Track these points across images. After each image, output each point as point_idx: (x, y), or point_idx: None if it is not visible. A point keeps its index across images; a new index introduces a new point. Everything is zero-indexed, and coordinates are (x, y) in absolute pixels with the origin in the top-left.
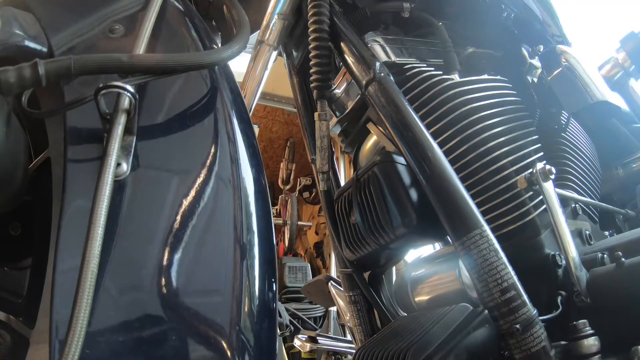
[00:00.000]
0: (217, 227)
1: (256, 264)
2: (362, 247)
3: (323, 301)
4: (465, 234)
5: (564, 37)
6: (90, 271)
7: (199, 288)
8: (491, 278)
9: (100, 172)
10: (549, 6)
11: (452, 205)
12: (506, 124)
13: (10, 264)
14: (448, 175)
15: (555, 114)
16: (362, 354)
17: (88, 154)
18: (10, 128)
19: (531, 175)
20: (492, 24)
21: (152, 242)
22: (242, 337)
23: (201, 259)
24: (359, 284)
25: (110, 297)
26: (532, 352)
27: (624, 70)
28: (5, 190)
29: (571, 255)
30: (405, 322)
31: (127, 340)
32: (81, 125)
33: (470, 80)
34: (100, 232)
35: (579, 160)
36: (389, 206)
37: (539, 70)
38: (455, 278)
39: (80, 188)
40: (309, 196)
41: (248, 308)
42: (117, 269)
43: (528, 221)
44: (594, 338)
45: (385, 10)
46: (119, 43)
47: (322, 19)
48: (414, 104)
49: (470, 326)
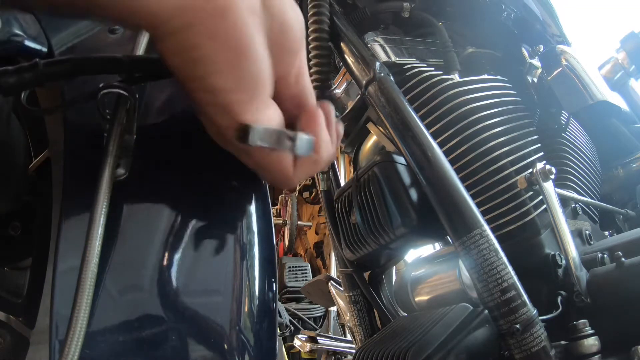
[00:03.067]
0: (217, 227)
1: (256, 264)
2: (362, 247)
3: (323, 301)
4: (465, 234)
5: (564, 37)
6: (90, 271)
7: (198, 288)
8: (491, 278)
9: (100, 172)
10: (549, 6)
11: (452, 205)
12: (506, 124)
13: (10, 264)
14: (448, 175)
15: (555, 114)
16: (362, 354)
17: (88, 154)
18: (10, 128)
19: (531, 175)
20: (492, 24)
21: (152, 242)
22: (242, 337)
23: (201, 259)
24: (359, 284)
25: (110, 297)
26: (532, 352)
27: (624, 70)
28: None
29: (571, 255)
30: (405, 322)
31: (127, 340)
32: (81, 126)
33: (470, 80)
34: (100, 232)
35: (579, 160)
36: (389, 206)
37: (539, 70)
38: (455, 278)
39: (80, 188)
40: (309, 196)
41: (248, 308)
42: (117, 269)
43: (528, 221)
44: (594, 338)
45: (385, 10)
46: (119, 43)
47: (322, 19)
48: (414, 104)
49: (470, 326)
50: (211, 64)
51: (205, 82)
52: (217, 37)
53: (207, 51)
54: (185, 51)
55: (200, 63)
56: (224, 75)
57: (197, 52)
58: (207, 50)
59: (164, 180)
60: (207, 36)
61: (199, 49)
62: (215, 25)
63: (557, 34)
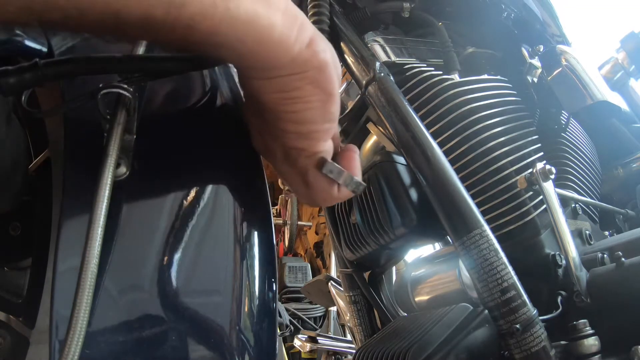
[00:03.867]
0: (217, 227)
1: (256, 264)
2: (362, 247)
3: (323, 301)
4: (466, 234)
5: (564, 37)
6: (90, 271)
7: (198, 288)
8: (491, 278)
9: (100, 172)
10: (549, 6)
11: (452, 205)
12: (506, 124)
13: (10, 264)
14: (448, 175)
15: (555, 114)
16: (362, 354)
17: (88, 154)
18: (11, 128)
19: (531, 175)
20: (492, 24)
21: (152, 242)
22: (242, 337)
23: (201, 259)
24: (359, 284)
25: (110, 297)
26: (532, 352)
27: (624, 70)
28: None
29: (571, 255)
30: (405, 322)
31: (127, 340)
32: (81, 126)
33: (470, 80)
34: (100, 232)
35: (579, 160)
36: (389, 206)
37: (539, 70)
38: (455, 278)
39: (80, 188)
40: None
41: (248, 308)
42: (117, 268)
43: (528, 221)
44: (594, 338)
45: (385, 10)
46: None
47: (322, 19)
48: (414, 104)
49: (470, 326)
50: (307, 102)
51: (299, 115)
52: (316, 83)
53: (306, 93)
54: (288, 91)
55: (299, 101)
56: (315, 111)
57: (298, 93)
58: (307, 92)
59: (164, 180)
60: (308, 82)
61: (301, 90)
62: (316, 75)
63: (557, 34)
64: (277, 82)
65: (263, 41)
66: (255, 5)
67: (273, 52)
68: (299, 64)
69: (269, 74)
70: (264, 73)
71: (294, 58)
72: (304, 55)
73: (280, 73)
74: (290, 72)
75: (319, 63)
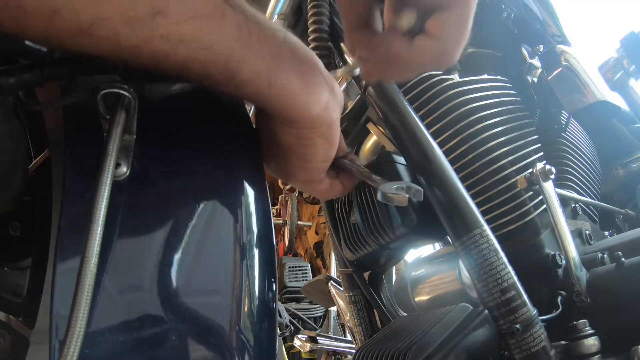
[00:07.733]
0: (217, 227)
1: (256, 264)
2: (362, 247)
3: (323, 301)
4: (465, 234)
5: (564, 37)
6: (89, 271)
7: (198, 288)
8: (491, 278)
9: (100, 172)
10: (549, 6)
11: (452, 205)
12: (506, 124)
13: (10, 264)
14: (448, 175)
15: (555, 114)
16: (362, 354)
17: (88, 154)
18: (10, 128)
19: (531, 175)
20: (492, 23)
21: (152, 242)
22: (242, 337)
23: (201, 259)
24: (359, 284)
25: (110, 297)
26: (532, 352)
27: (624, 70)
28: (5, 190)
29: (571, 255)
30: (405, 322)
31: (126, 340)
32: (81, 126)
33: (470, 80)
34: (100, 232)
35: (579, 160)
36: (389, 206)
37: (539, 70)
38: (455, 278)
39: (80, 188)
40: (309, 196)
41: (248, 308)
42: (117, 268)
43: (528, 221)
44: (594, 338)
45: None
46: None
47: (322, 19)
48: (413, 104)
49: (470, 326)
50: (314, 147)
51: (308, 156)
52: (324, 136)
53: (315, 142)
54: (302, 139)
55: (309, 146)
56: (320, 155)
57: (310, 141)
58: (316, 142)
59: (164, 180)
60: (318, 134)
61: (312, 139)
62: (326, 130)
63: (557, 34)
64: (294, 131)
65: (295, 107)
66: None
67: (299, 113)
68: (315, 122)
69: (289, 124)
70: (285, 122)
71: (314, 119)
72: (321, 115)
73: (298, 126)
74: (307, 127)
75: (330, 121)
